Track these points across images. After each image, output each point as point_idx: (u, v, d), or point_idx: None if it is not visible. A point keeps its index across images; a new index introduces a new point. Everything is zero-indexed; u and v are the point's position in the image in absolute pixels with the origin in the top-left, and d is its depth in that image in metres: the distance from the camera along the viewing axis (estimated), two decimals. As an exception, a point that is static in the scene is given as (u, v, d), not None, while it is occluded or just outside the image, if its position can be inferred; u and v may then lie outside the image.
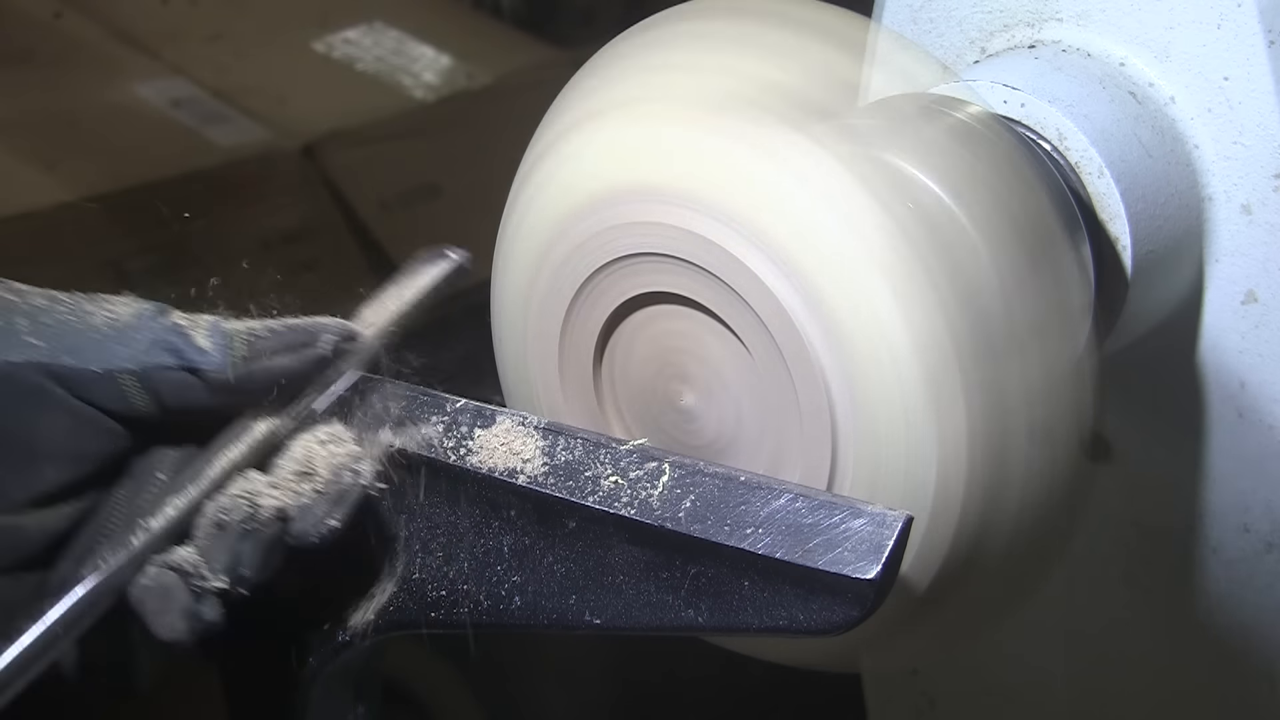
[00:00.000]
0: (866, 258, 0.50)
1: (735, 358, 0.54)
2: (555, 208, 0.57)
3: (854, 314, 0.50)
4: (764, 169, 0.51)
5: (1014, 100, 0.66)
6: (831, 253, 0.50)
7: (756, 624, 0.48)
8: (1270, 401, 0.71)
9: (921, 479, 0.51)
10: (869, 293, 0.50)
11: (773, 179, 0.51)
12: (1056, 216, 0.57)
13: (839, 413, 0.51)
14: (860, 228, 0.50)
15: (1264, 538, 0.74)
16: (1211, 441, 0.73)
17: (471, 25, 1.79)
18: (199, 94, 1.49)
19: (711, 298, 0.53)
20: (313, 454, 0.52)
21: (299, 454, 0.52)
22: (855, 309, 0.50)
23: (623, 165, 0.54)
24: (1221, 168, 0.69)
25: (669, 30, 0.58)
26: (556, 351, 0.57)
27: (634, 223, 0.53)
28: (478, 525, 0.54)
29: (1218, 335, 0.71)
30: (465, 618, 0.54)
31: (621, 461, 0.51)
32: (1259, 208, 0.68)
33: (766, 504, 0.48)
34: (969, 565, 0.53)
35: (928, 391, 0.50)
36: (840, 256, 0.50)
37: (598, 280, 0.55)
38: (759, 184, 0.51)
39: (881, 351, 0.50)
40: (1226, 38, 0.67)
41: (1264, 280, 0.69)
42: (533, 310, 0.58)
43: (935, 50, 0.76)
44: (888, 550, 0.46)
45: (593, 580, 0.51)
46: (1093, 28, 0.71)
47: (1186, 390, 0.73)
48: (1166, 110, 0.69)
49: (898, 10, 0.77)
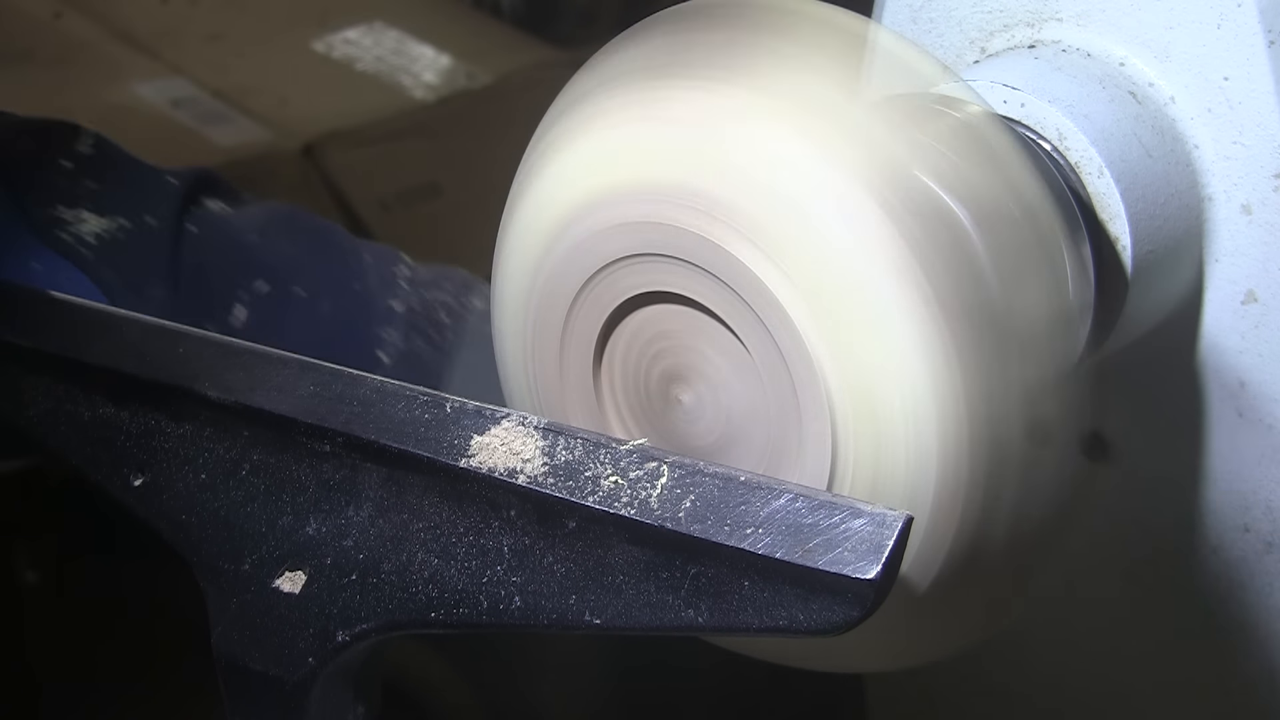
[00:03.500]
0: (866, 257, 0.50)
1: (735, 358, 0.54)
2: (555, 207, 0.57)
3: (854, 314, 0.50)
4: (764, 169, 0.51)
5: (1014, 100, 0.66)
6: (832, 252, 0.50)
7: (756, 624, 0.48)
8: (1270, 401, 0.71)
9: (921, 479, 0.51)
10: (869, 293, 0.50)
11: (773, 178, 0.51)
12: (1057, 216, 0.57)
13: (839, 413, 0.51)
14: (860, 227, 0.50)
15: (1264, 538, 0.74)
16: (1211, 441, 0.73)
17: (471, 25, 1.79)
18: (199, 94, 1.49)
19: (712, 298, 0.53)
20: None
21: None
22: (855, 309, 0.50)
23: (622, 165, 0.54)
24: (1221, 168, 0.69)
25: (669, 31, 0.58)
26: (557, 351, 0.57)
27: (634, 222, 0.53)
28: (478, 525, 0.54)
29: (1218, 335, 0.71)
30: (465, 618, 0.54)
31: (621, 461, 0.51)
32: (1259, 208, 0.68)
33: (766, 504, 0.48)
34: (969, 565, 0.53)
35: (928, 391, 0.50)
36: (840, 256, 0.50)
37: (598, 280, 0.55)
38: (759, 183, 0.51)
39: (882, 351, 0.50)
40: (1226, 38, 0.67)
41: (1264, 280, 0.69)
42: (533, 310, 0.58)
43: (935, 50, 0.76)
44: (888, 550, 0.46)
45: (593, 580, 0.51)
46: (1093, 28, 0.71)
47: (1186, 390, 0.73)
48: (1166, 110, 0.69)
49: (898, 10, 0.77)
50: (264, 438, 0.59)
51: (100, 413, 0.62)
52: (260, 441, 0.59)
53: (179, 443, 0.61)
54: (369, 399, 0.57)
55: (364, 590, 0.56)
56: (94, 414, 0.63)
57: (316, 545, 0.57)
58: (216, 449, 0.60)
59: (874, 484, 0.52)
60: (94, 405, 0.63)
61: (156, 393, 0.60)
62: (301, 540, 0.58)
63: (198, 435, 0.61)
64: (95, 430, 0.61)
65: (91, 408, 0.63)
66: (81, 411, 0.63)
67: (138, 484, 0.62)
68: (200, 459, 0.60)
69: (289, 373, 0.59)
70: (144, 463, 0.62)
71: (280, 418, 0.58)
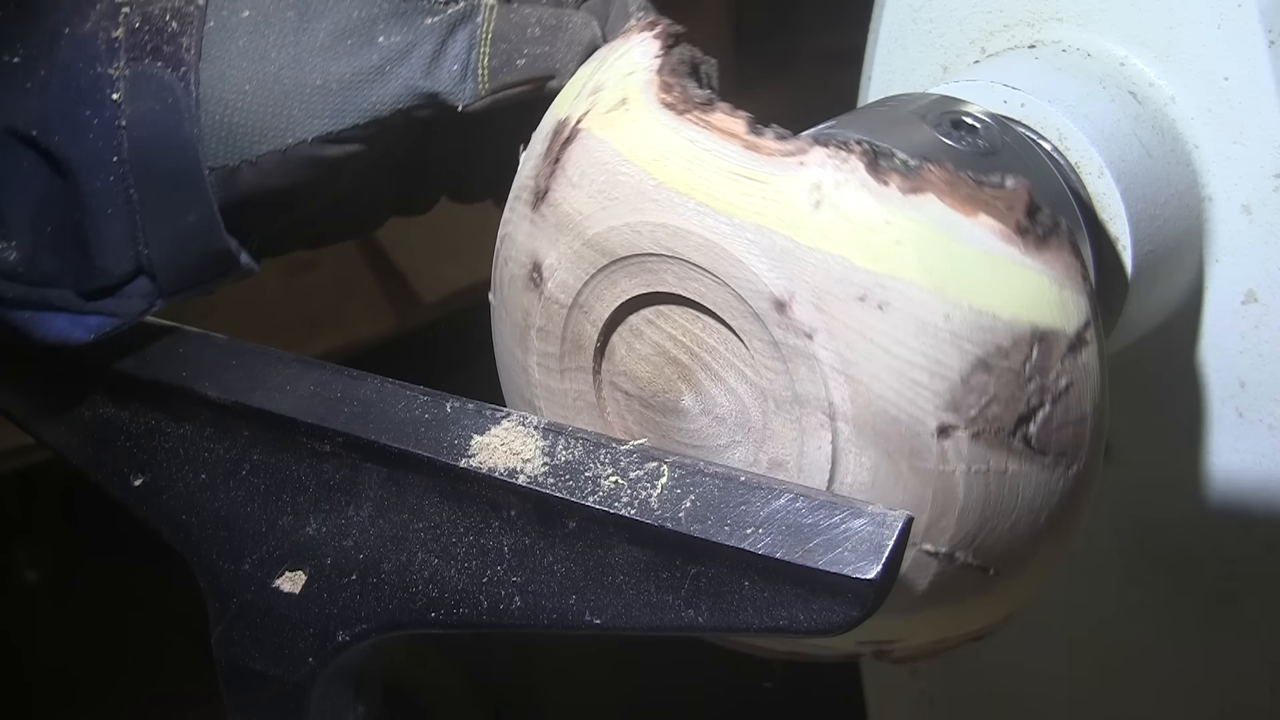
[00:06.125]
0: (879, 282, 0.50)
1: (735, 358, 0.54)
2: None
3: (854, 314, 0.50)
4: (764, 168, 0.51)
5: (1014, 100, 0.66)
6: (832, 252, 0.50)
7: (756, 624, 0.48)
8: (1270, 401, 0.71)
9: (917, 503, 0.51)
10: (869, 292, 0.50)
11: (773, 177, 0.51)
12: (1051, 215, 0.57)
13: (839, 413, 0.51)
14: (877, 252, 0.50)
15: (1264, 538, 0.74)
16: (1211, 441, 0.73)
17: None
18: (198, 94, 1.49)
19: (712, 298, 0.53)
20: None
21: None
22: (855, 309, 0.50)
23: (641, 162, 0.54)
24: (1221, 168, 0.69)
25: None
26: (557, 352, 0.57)
27: (634, 222, 0.53)
28: (478, 525, 0.54)
29: (1218, 335, 0.71)
30: (465, 618, 0.54)
31: (621, 461, 0.51)
32: (1259, 208, 0.68)
33: (766, 504, 0.48)
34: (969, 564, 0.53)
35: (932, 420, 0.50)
36: (841, 256, 0.50)
37: (598, 280, 0.55)
38: (759, 183, 0.51)
39: (882, 351, 0.50)
40: (1226, 38, 0.67)
41: (1264, 280, 0.69)
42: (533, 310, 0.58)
43: (935, 50, 0.76)
44: (888, 550, 0.46)
45: (593, 580, 0.51)
46: (1093, 28, 0.71)
47: (1186, 390, 0.73)
48: (1166, 110, 0.69)
49: (898, 10, 0.77)
50: (264, 438, 0.59)
51: (100, 413, 0.63)
52: (260, 441, 0.59)
53: (179, 443, 0.61)
54: (369, 399, 0.57)
55: (364, 590, 0.56)
56: (94, 414, 0.63)
57: (316, 545, 0.57)
58: (216, 449, 0.60)
59: (874, 484, 0.52)
60: (94, 405, 0.63)
61: (156, 393, 0.60)
62: (301, 540, 0.58)
63: (198, 435, 0.61)
64: (95, 430, 0.61)
65: (91, 408, 0.63)
66: (81, 411, 0.63)
67: (138, 484, 0.62)
68: (200, 459, 0.60)
69: (289, 372, 0.59)
70: (144, 463, 0.62)
71: (280, 418, 0.58)
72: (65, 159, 0.55)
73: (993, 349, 0.50)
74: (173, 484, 0.61)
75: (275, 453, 0.59)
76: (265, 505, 0.59)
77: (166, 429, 0.61)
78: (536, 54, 0.58)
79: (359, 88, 0.56)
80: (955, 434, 0.50)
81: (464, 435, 0.54)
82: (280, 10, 0.57)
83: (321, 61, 0.56)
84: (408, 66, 0.57)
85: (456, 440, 0.54)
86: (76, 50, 0.56)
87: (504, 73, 0.58)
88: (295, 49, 0.56)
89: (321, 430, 0.57)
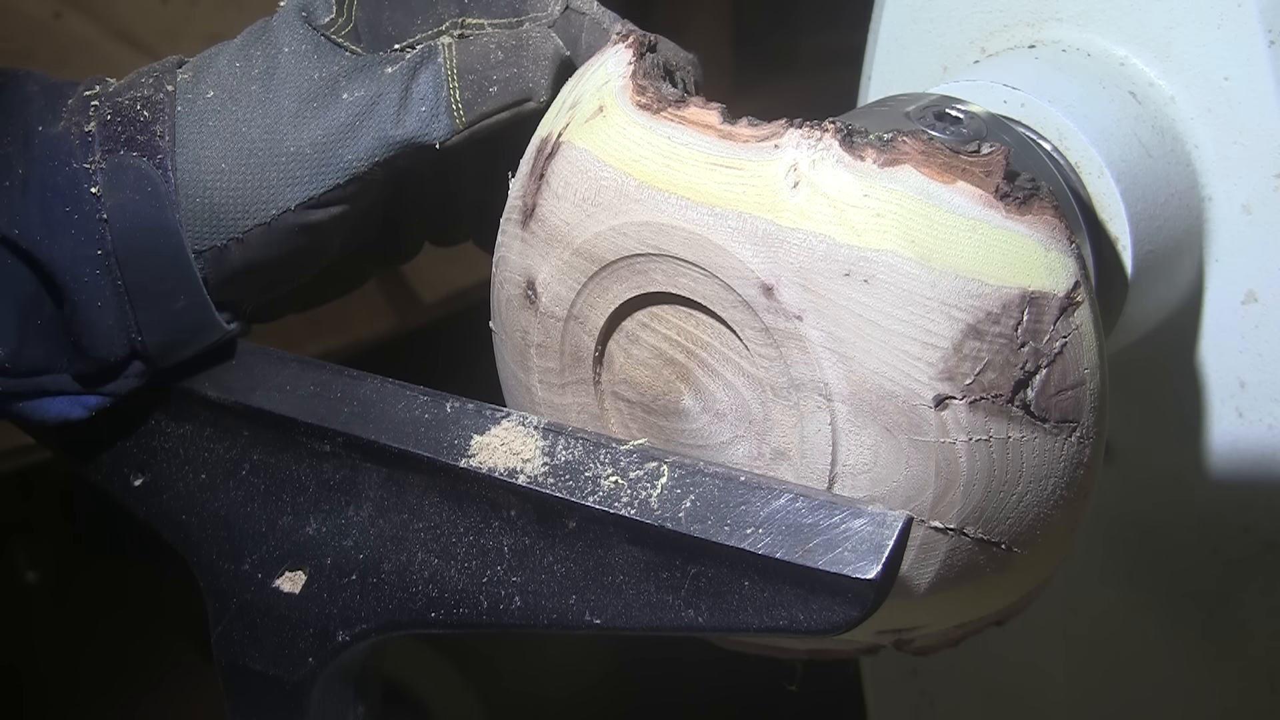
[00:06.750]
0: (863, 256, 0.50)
1: (731, 351, 0.54)
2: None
3: (841, 291, 0.50)
4: (740, 155, 0.51)
5: (1014, 100, 0.66)
6: (814, 230, 0.50)
7: (756, 624, 0.48)
8: (1270, 401, 0.71)
9: (921, 479, 0.51)
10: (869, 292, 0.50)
11: (750, 163, 0.51)
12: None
13: (835, 392, 0.51)
14: (858, 226, 0.50)
15: (1264, 538, 0.74)
16: (1211, 441, 0.73)
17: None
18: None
19: (702, 291, 0.53)
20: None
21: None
22: (842, 286, 0.50)
23: (621, 164, 0.54)
24: (1221, 168, 0.69)
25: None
26: (557, 367, 0.57)
27: (619, 225, 0.53)
28: (478, 525, 0.54)
29: (1218, 335, 0.71)
30: (465, 618, 0.54)
31: (621, 461, 0.51)
32: (1259, 208, 0.68)
33: (766, 504, 0.48)
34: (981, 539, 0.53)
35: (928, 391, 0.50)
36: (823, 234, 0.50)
37: (590, 288, 0.55)
38: (736, 170, 0.51)
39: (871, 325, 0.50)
40: (1226, 38, 0.67)
41: (1264, 280, 0.69)
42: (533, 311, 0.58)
43: (935, 50, 0.76)
44: (888, 550, 0.46)
45: (593, 580, 0.51)
46: (1093, 27, 0.71)
47: (1186, 390, 0.73)
48: (1166, 110, 0.69)
49: (898, 10, 0.78)
50: (264, 438, 0.59)
51: (100, 413, 0.62)
52: (260, 441, 0.59)
53: (179, 443, 0.61)
54: (369, 399, 0.57)
55: (364, 590, 0.56)
56: (94, 414, 0.63)
57: (316, 545, 0.57)
58: (216, 449, 0.60)
59: (874, 484, 0.51)
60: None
61: (156, 393, 0.60)
62: (301, 540, 0.58)
63: (198, 435, 0.61)
64: (95, 430, 0.61)
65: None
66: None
67: (138, 484, 0.62)
68: (200, 459, 0.60)
69: (289, 372, 0.59)
70: (144, 463, 0.62)
71: (280, 418, 0.58)
72: (48, 259, 0.56)
73: (983, 315, 0.50)
74: (173, 484, 0.61)
75: (275, 453, 0.59)
76: (265, 505, 0.59)
77: (166, 429, 0.61)
78: (506, 78, 0.58)
79: (333, 147, 0.57)
80: (952, 404, 0.50)
81: (464, 435, 0.54)
82: (244, 85, 0.58)
83: (292, 129, 0.57)
84: (376, 118, 0.57)
85: (456, 440, 0.54)
86: (51, 147, 0.56)
87: (479, 103, 0.58)
88: (265, 120, 0.57)
89: (321, 430, 0.57)
